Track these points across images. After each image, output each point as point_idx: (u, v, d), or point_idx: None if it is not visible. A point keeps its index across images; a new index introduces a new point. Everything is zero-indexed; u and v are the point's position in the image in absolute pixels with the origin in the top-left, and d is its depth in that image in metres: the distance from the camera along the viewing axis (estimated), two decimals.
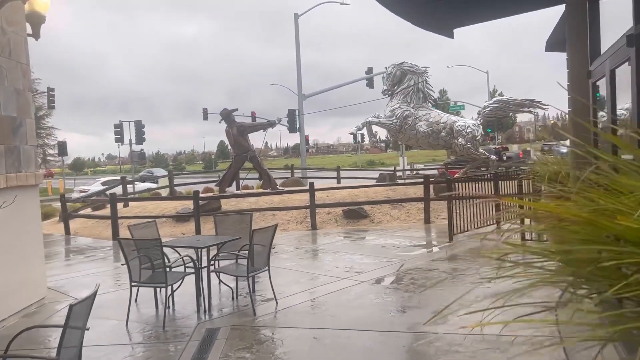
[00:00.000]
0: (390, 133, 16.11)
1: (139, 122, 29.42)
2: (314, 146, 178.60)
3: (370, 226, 12.32)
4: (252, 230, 6.24)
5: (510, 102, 15.71)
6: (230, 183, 16.71)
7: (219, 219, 7.50)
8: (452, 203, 9.73)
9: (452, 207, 9.72)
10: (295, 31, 29.53)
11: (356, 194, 14.06)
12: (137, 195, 21.38)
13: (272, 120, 16.60)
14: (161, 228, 13.27)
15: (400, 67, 15.97)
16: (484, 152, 16.07)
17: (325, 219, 12.87)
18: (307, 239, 11.01)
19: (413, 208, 13.12)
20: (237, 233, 7.32)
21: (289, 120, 30.62)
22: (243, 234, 7.24)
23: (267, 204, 13.88)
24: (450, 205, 9.70)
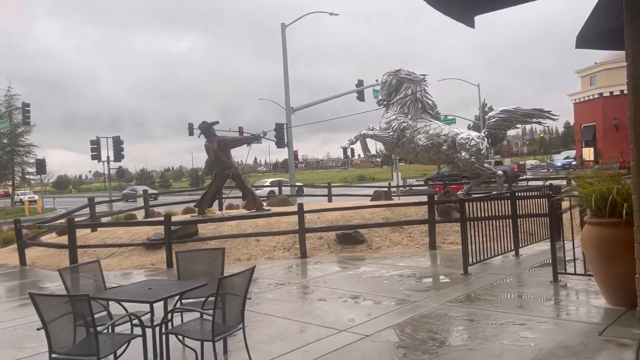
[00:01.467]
0: (387, 147, 14.65)
1: (117, 137, 27.79)
2: (303, 161, 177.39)
3: (367, 253, 10.79)
4: (221, 277, 4.68)
5: (518, 112, 14.34)
6: (211, 203, 15.13)
7: (183, 256, 5.93)
8: (466, 228, 8.24)
9: (466, 233, 8.23)
10: (282, 42, 28.23)
11: (350, 215, 12.54)
12: (112, 218, 19.68)
13: (256, 134, 15.10)
14: (129, 257, 11.65)
15: (397, 75, 14.57)
16: (489, 166, 14.66)
17: (316, 244, 11.32)
18: (296, 271, 9.44)
19: (415, 231, 11.62)
20: (205, 275, 5.76)
21: (276, 135, 29.16)
22: (213, 277, 5.68)
23: (250, 227, 12.31)
24: (465, 232, 8.21)
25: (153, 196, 53.90)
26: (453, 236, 11.37)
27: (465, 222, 8.26)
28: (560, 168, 49.88)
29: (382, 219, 12.33)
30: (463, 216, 8.28)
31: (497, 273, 8.11)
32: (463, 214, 8.29)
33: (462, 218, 8.30)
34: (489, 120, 14.58)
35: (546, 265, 8.65)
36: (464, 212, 8.29)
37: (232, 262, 10.75)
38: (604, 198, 5.82)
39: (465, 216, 8.29)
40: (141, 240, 12.29)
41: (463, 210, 8.28)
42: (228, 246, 11.45)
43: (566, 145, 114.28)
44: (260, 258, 10.87)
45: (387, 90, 14.65)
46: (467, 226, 8.28)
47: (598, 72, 48.55)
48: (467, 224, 8.28)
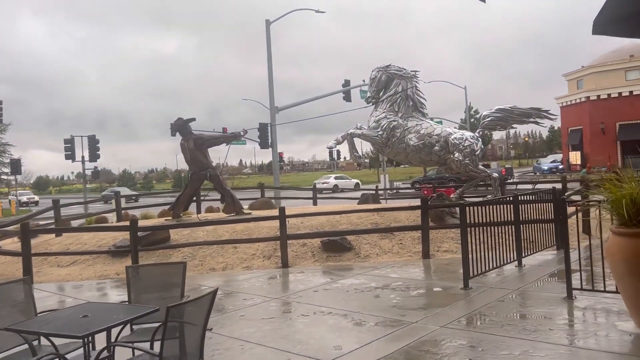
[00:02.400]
0: (375, 147, 13.75)
1: (93, 137, 26.51)
2: (289, 163, 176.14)
3: (355, 262, 9.85)
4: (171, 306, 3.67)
5: (514, 112, 13.53)
6: (187, 206, 14.08)
7: (135, 271, 4.92)
8: (466, 236, 7.33)
9: (467, 241, 7.32)
10: (266, 39, 27.23)
11: (337, 220, 11.59)
12: (85, 221, 18.46)
13: (236, 133, 14.09)
14: (93, 266, 10.56)
15: (386, 70, 13.68)
16: (484, 168, 13.82)
17: (299, 252, 10.35)
18: (276, 283, 8.45)
19: (407, 237, 10.70)
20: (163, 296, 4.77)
21: (260, 135, 28.12)
22: (170, 297, 4.69)
23: (227, 233, 11.30)
24: (466, 240, 7.30)
25: (133, 198, 52.61)
26: (447, 243, 10.49)
27: (465, 230, 7.36)
28: (547, 172, 49.55)
29: (371, 224, 11.41)
30: (464, 223, 7.37)
31: (501, 287, 7.21)
32: (464, 221, 7.38)
33: (463, 225, 7.39)
34: (484, 119, 13.74)
35: (554, 278, 7.79)
36: (465, 218, 7.38)
37: (206, 272, 9.73)
38: (635, 204, 4.95)
39: (467, 225, 7.39)
40: (108, 246, 11.20)
41: (464, 216, 7.37)
42: (202, 254, 10.44)
43: (550, 149, 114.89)
44: (237, 267, 9.86)
45: (376, 87, 13.75)
46: (467, 234, 7.37)
47: (585, 76, 48.30)
48: (467, 232, 7.38)
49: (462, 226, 7.41)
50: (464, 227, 7.37)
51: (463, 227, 7.38)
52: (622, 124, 44.90)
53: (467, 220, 7.41)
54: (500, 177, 35.90)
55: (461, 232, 7.41)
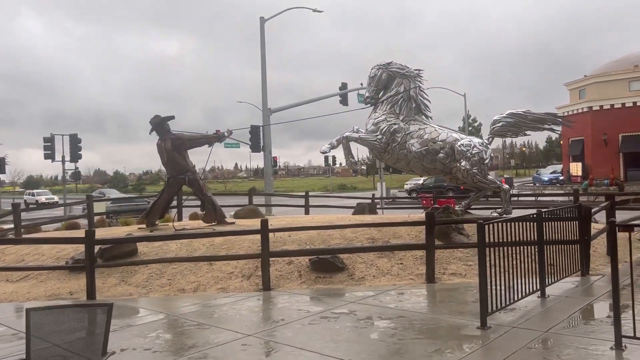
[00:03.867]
0: (374, 152, 12.40)
1: (74, 135, 25.07)
2: (285, 168, 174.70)
3: (348, 285, 8.48)
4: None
5: (528, 117, 12.23)
6: (163, 214, 12.70)
7: (38, 316, 3.52)
8: (485, 262, 5.98)
9: (485, 268, 5.98)
10: (260, 37, 25.92)
11: (328, 233, 10.23)
12: (61, 225, 16.99)
13: (220, 133, 12.73)
14: (46, 282, 9.12)
15: (387, 68, 12.36)
16: (493, 179, 12.50)
17: (284, 271, 8.98)
18: (252, 313, 7.06)
19: (408, 256, 9.35)
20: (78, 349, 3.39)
21: (252, 138, 26.73)
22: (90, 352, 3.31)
23: (204, 246, 9.92)
24: (484, 270, 5.95)
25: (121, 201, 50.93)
26: (455, 265, 9.15)
27: (484, 254, 6.01)
28: (547, 183, 48.36)
29: (368, 239, 10.05)
30: (482, 245, 6.02)
31: (527, 327, 5.86)
32: (482, 243, 6.03)
33: (481, 248, 6.03)
34: (494, 125, 12.42)
35: (590, 316, 6.45)
36: (484, 240, 6.03)
37: (174, 294, 8.34)
38: None
39: (485, 245, 6.04)
40: (66, 259, 9.79)
41: (483, 237, 6.02)
42: (172, 271, 9.05)
43: (547, 160, 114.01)
44: (211, 288, 8.48)
45: (375, 86, 12.42)
46: (487, 258, 6.03)
47: (588, 85, 47.25)
48: (488, 256, 6.03)
49: (480, 250, 6.05)
50: (482, 250, 6.02)
51: (481, 251, 6.03)
52: (625, 136, 43.79)
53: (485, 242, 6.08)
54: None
55: (479, 258, 6.05)
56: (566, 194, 25.75)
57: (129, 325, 6.52)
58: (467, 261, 9.31)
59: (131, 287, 8.63)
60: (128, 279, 8.93)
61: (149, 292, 8.41)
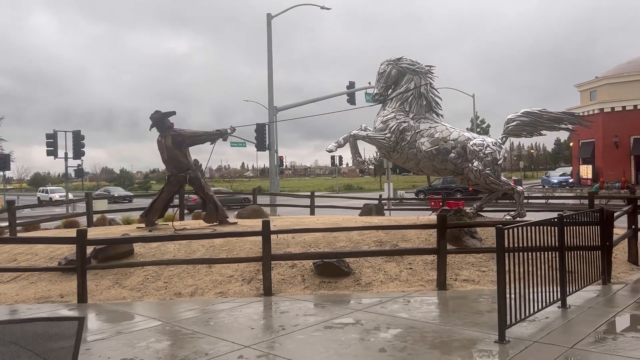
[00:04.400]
0: (382, 151, 11.91)
1: (77, 132, 24.72)
2: (291, 168, 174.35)
3: (354, 291, 8.00)
4: None
5: (544, 116, 11.70)
6: (163, 213, 12.28)
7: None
8: (504, 271, 5.48)
9: (504, 276, 5.48)
10: (267, 33, 25.47)
11: (334, 236, 9.75)
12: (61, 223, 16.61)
13: (222, 130, 12.28)
14: (37, 283, 8.70)
15: (397, 64, 11.87)
16: (507, 181, 11.97)
17: (287, 275, 8.51)
18: (251, 321, 6.58)
19: (418, 261, 8.86)
20: None
21: (257, 137, 26.32)
22: None
23: (203, 248, 9.48)
24: (504, 279, 5.45)
25: (128, 199, 50.78)
26: (467, 270, 8.65)
27: (503, 261, 5.51)
28: (556, 185, 47.61)
29: (375, 242, 9.57)
30: (501, 251, 5.51)
31: (550, 343, 5.35)
32: (502, 248, 5.52)
33: (500, 254, 5.52)
34: (508, 124, 11.90)
35: (618, 330, 5.94)
36: (502, 246, 5.53)
37: (170, 298, 7.89)
38: None
39: (504, 251, 5.54)
40: (59, 260, 9.37)
41: (502, 243, 5.52)
42: (169, 273, 8.61)
43: (556, 162, 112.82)
44: (209, 293, 8.02)
45: (384, 83, 11.93)
46: (505, 265, 5.52)
47: (599, 87, 46.47)
48: (506, 263, 5.53)
49: (499, 257, 5.54)
50: (501, 257, 5.52)
51: (500, 258, 5.52)
52: (637, 138, 42.99)
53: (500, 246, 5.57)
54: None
55: (498, 266, 5.54)
56: (580, 197, 25.13)
57: (119, 332, 6.07)
58: (481, 267, 8.81)
59: (125, 290, 8.20)
60: (122, 281, 8.49)
61: (144, 296, 7.97)
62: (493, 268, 8.67)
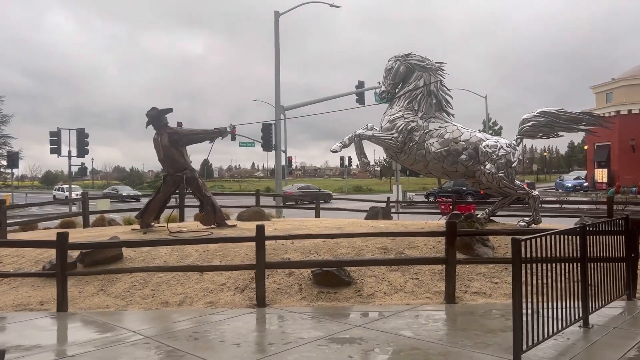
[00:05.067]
0: (389, 152, 11.28)
1: (81, 130, 24.34)
2: (301, 169, 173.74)
3: (355, 303, 7.38)
4: None
5: (562, 116, 11.00)
6: (158, 214, 11.74)
7: None
8: (521, 289, 4.84)
9: (521, 292, 4.84)
10: (275, 30, 24.92)
11: (336, 241, 9.14)
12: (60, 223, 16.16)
13: (222, 128, 11.72)
14: (18, 289, 8.18)
15: (406, 60, 11.24)
16: (521, 184, 11.28)
17: (283, 284, 7.91)
18: (240, 338, 5.98)
19: (425, 270, 8.22)
20: None
21: (263, 136, 25.78)
22: None
23: (196, 252, 8.92)
24: (520, 298, 4.81)
25: (136, 198, 50.46)
26: (478, 282, 7.99)
27: (520, 277, 4.86)
28: (570, 189, 46.53)
29: (379, 249, 8.94)
30: (518, 266, 4.87)
31: None
32: (518, 262, 4.87)
33: (517, 270, 4.88)
34: (524, 124, 11.22)
35: None
36: (520, 260, 4.88)
37: (156, 307, 7.32)
38: None
39: (521, 264, 4.89)
40: (46, 263, 8.86)
41: (519, 257, 4.87)
42: (157, 280, 8.06)
43: (569, 166, 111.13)
44: (198, 302, 7.45)
45: (392, 80, 11.30)
46: (522, 280, 4.88)
47: (616, 89, 45.41)
48: (522, 278, 4.88)
49: (515, 273, 4.89)
50: (517, 274, 4.87)
51: (516, 275, 4.87)
52: None
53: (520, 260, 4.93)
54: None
55: (514, 283, 4.89)
56: (596, 202, 24.27)
57: (88, 350, 5.51)
58: (493, 278, 8.15)
59: (110, 297, 7.65)
60: (108, 288, 7.95)
61: (129, 305, 7.41)
62: (506, 279, 8.03)
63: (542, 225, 11.30)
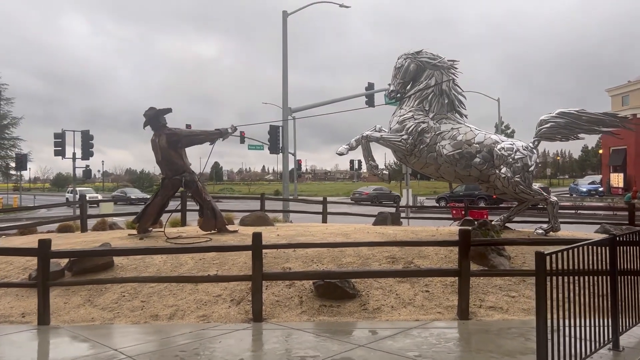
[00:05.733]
0: (398, 154, 10.70)
1: (86, 132, 24.01)
2: (312, 172, 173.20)
3: (360, 318, 6.80)
4: None
5: (582, 117, 10.35)
6: (156, 219, 11.24)
7: None
8: (545, 313, 4.24)
9: (545, 320, 4.23)
10: (282, 31, 24.42)
11: (341, 249, 8.56)
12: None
13: (222, 129, 11.20)
14: (3, 297, 7.72)
15: (416, 58, 10.66)
16: (539, 189, 10.64)
17: (282, 296, 7.35)
18: (231, 356, 5.42)
19: (436, 282, 7.62)
20: None
21: (270, 139, 25.28)
22: None
23: (192, 260, 8.38)
24: (544, 319, 4.21)
25: (144, 201, 50.10)
26: (494, 295, 7.37)
27: (545, 298, 4.25)
28: (585, 194, 45.51)
29: (387, 258, 8.35)
30: (542, 285, 4.26)
31: None
32: (542, 280, 4.27)
33: (541, 289, 4.27)
34: (542, 125, 10.58)
35: None
36: (544, 278, 4.28)
37: (144, 321, 6.79)
38: None
39: (546, 281, 4.29)
40: (32, 270, 8.38)
41: (543, 274, 4.27)
42: (149, 291, 7.53)
43: (582, 170, 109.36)
44: (190, 316, 6.91)
45: (402, 79, 10.73)
46: (547, 299, 4.27)
47: (632, 91, 44.46)
48: (547, 297, 4.28)
49: (539, 293, 4.28)
50: (541, 294, 4.26)
51: (541, 295, 4.26)
52: None
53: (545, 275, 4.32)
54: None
55: (537, 304, 4.28)
56: (614, 207, 23.43)
57: None
58: (509, 291, 7.53)
59: (96, 309, 7.14)
60: (96, 298, 7.44)
61: (116, 318, 6.89)
62: (524, 292, 7.42)
63: (560, 233, 10.66)
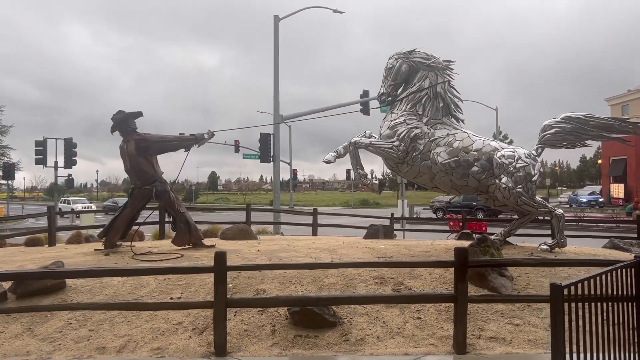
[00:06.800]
0: (389, 162, 9.78)
1: (69, 140, 23.07)
2: (309, 181, 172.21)
3: (341, 352, 5.84)
4: None
5: (590, 122, 9.48)
6: (125, 232, 10.27)
7: None
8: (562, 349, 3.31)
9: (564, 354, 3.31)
10: (274, 36, 23.64)
11: (320, 272, 7.61)
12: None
13: (198, 135, 10.29)
14: None
15: (408, 58, 9.78)
16: (543, 201, 9.74)
17: (252, 324, 6.39)
18: None
19: (429, 307, 6.68)
20: None
21: (260, 147, 24.39)
22: None
23: (155, 281, 7.42)
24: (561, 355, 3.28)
25: None
26: (495, 323, 6.43)
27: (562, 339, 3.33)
28: (585, 205, 44.65)
29: (375, 279, 7.40)
30: (559, 319, 3.34)
31: None
32: (559, 317, 3.35)
33: (557, 322, 3.35)
34: (545, 131, 9.70)
35: None
36: (562, 314, 3.36)
37: (88, 355, 5.83)
38: None
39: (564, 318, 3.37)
40: None
41: (561, 311, 3.35)
42: (100, 318, 6.57)
43: (581, 180, 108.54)
44: (142, 348, 5.94)
45: (393, 81, 9.84)
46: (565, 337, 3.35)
47: (632, 100, 43.83)
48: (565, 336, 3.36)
49: (555, 330, 3.36)
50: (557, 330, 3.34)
51: (557, 332, 3.34)
52: None
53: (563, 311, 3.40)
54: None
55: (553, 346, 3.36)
56: (619, 221, 22.53)
57: None
58: (513, 317, 6.59)
59: (35, 340, 6.17)
60: (38, 326, 6.48)
61: (55, 351, 5.93)
62: (530, 320, 6.48)
63: (567, 249, 9.75)
